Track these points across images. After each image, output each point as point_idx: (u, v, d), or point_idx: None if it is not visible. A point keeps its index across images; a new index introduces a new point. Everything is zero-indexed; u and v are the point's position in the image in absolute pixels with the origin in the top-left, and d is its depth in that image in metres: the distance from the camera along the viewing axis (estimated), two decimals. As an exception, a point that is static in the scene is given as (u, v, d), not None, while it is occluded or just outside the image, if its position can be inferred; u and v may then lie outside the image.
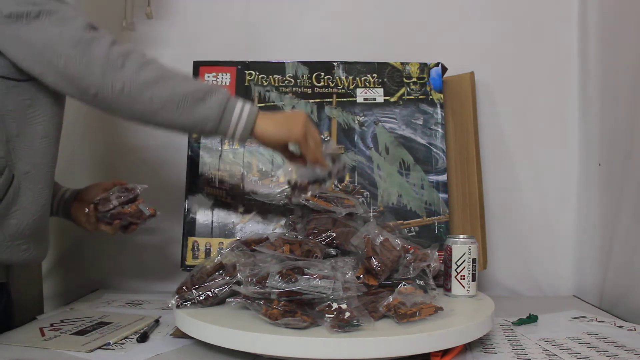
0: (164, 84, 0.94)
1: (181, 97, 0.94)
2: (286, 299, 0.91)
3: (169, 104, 0.94)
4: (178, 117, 0.95)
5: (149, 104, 0.93)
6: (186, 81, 0.97)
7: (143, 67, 0.93)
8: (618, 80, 1.32)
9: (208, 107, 0.96)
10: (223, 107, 0.97)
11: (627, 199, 1.25)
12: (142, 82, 0.92)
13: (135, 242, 1.53)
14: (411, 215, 1.33)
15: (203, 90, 0.96)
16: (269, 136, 1.01)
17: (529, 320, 1.15)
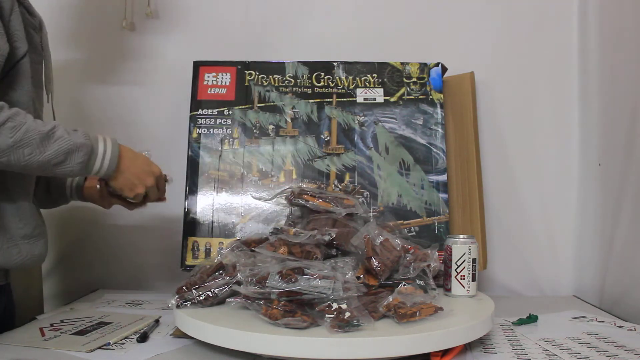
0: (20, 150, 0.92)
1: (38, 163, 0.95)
2: (286, 299, 0.92)
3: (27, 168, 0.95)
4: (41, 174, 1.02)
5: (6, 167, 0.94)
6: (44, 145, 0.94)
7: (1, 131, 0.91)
8: (618, 80, 1.32)
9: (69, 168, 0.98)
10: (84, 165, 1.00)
11: (627, 199, 1.25)
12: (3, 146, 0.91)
13: (135, 242, 1.53)
14: (411, 215, 1.33)
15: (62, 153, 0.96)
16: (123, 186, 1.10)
17: (529, 320, 1.15)
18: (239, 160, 1.37)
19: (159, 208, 1.51)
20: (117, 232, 1.53)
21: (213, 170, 1.36)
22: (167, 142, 1.52)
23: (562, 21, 1.51)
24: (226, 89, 1.40)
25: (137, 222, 1.53)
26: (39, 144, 0.94)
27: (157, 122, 1.54)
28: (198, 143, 1.37)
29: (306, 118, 1.39)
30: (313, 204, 1.11)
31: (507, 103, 1.51)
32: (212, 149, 1.37)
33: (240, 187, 1.35)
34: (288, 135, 1.38)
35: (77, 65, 1.53)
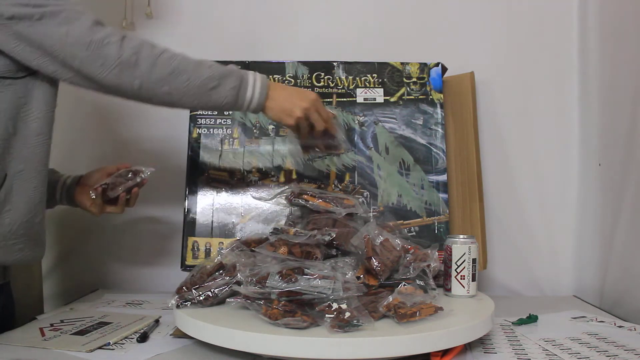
0: (179, 77, 0.99)
1: (196, 88, 1.00)
2: (286, 299, 0.92)
3: (186, 96, 1.00)
4: (197, 104, 1.04)
5: (167, 97, 1.00)
6: (199, 70, 1.01)
7: (156, 62, 0.97)
8: (618, 80, 1.32)
9: (222, 94, 1.03)
10: (236, 92, 1.04)
11: (627, 199, 1.25)
12: (157, 79, 0.98)
13: (135, 242, 1.53)
14: (411, 215, 1.33)
15: (216, 77, 1.02)
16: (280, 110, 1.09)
17: (529, 320, 1.15)
18: (239, 160, 1.37)
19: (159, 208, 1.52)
20: (117, 232, 1.53)
21: (213, 170, 1.36)
22: (167, 142, 1.52)
23: (562, 21, 1.51)
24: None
25: (137, 222, 1.53)
26: (194, 69, 1.00)
27: (157, 122, 1.54)
28: (198, 143, 1.37)
29: (306, 118, 1.39)
30: (313, 204, 1.11)
31: (507, 103, 1.51)
32: (212, 149, 1.37)
33: (240, 187, 1.35)
34: (288, 135, 1.38)
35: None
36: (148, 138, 1.53)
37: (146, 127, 1.54)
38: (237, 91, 1.04)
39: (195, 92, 1.01)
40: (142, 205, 1.54)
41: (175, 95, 1.00)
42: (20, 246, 1.02)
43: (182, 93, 1.00)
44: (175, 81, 0.99)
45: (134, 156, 1.53)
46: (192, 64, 1.01)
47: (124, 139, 1.54)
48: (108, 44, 0.95)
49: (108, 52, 0.94)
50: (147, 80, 0.97)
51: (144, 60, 0.97)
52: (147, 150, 1.53)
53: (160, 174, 1.53)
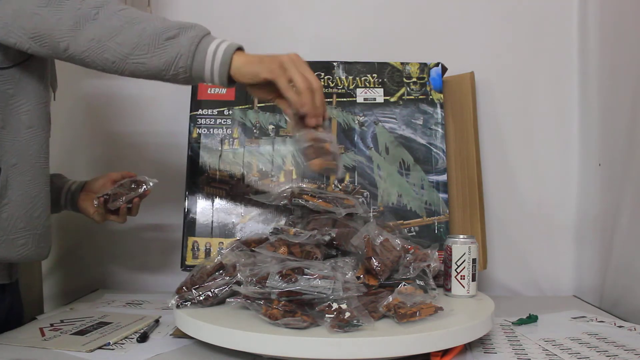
0: (135, 27, 0.89)
1: (151, 37, 0.89)
2: (286, 299, 0.92)
3: (139, 46, 0.89)
4: (149, 58, 0.89)
5: (118, 49, 0.89)
6: (159, 21, 0.91)
7: (115, 14, 0.89)
8: (618, 80, 1.32)
9: (180, 44, 0.89)
10: (196, 43, 0.90)
11: (627, 199, 1.25)
12: (112, 28, 0.88)
13: (135, 242, 1.53)
14: (411, 215, 1.33)
15: (176, 26, 0.90)
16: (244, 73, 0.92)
17: (529, 320, 1.15)
18: (239, 160, 1.37)
19: (159, 208, 1.52)
20: (117, 232, 1.53)
21: (213, 170, 1.36)
22: (167, 142, 1.52)
23: (562, 21, 1.51)
24: (226, 89, 1.40)
25: (137, 222, 1.53)
26: (155, 19, 0.91)
27: (157, 122, 1.54)
28: (198, 143, 1.38)
29: (306, 118, 1.39)
30: (313, 204, 1.11)
31: (507, 103, 1.51)
32: (212, 149, 1.37)
33: (240, 187, 1.35)
34: (288, 135, 1.38)
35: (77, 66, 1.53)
36: (148, 138, 1.53)
37: (146, 126, 1.54)
38: (197, 42, 0.89)
39: (147, 43, 0.88)
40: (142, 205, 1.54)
41: (127, 46, 0.88)
42: (23, 241, 1.02)
43: (134, 44, 0.88)
44: (129, 31, 0.88)
45: (133, 157, 1.54)
46: (156, 17, 0.92)
47: (123, 139, 1.54)
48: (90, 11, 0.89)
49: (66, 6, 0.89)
50: (101, 32, 0.88)
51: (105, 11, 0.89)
52: (147, 150, 1.53)
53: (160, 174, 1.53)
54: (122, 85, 1.54)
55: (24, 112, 1.00)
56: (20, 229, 1.01)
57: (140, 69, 0.91)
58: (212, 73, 0.91)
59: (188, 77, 0.92)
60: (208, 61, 0.90)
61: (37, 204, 1.03)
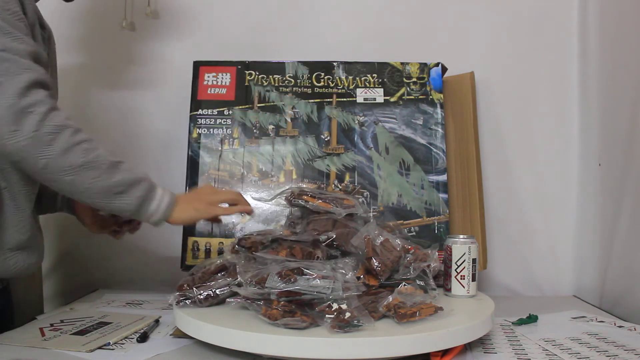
0: (88, 172, 0.92)
1: (102, 188, 0.94)
2: (286, 299, 0.91)
3: (88, 191, 0.94)
4: (97, 203, 0.97)
5: (68, 186, 0.93)
6: (111, 171, 0.95)
7: (71, 150, 0.90)
8: (618, 80, 1.32)
9: (127, 201, 0.97)
10: (141, 202, 0.99)
11: (627, 199, 1.25)
12: (65, 166, 0.90)
13: (135, 242, 1.53)
14: (411, 215, 1.33)
15: (126, 183, 0.97)
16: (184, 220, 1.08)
17: (529, 320, 1.15)
18: (239, 160, 1.37)
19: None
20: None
21: (213, 170, 1.36)
22: (167, 142, 1.52)
23: (562, 21, 1.51)
24: (226, 89, 1.40)
25: (137, 222, 1.53)
26: (106, 170, 0.94)
27: (157, 122, 1.54)
28: (198, 143, 1.37)
29: (306, 118, 1.39)
30: (313, 205, 1.11)
31: (507, 103, 1.51)
32: (212, 149, 1.37)
33: (240, 187, 1.35)
34: (288, 135, 1.38)
35: (77, 66, 1.53)
36: (148, 138, 1.53)
37: (146, 126, 1.54)
38: (141, 200, 0.98)
39: (98, 192, 0.94)
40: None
41: (78, 187, 0.93)
42: (14, 260, 1.05)
43: (86, 188, 0.93)
44: (83, 174, 0.92)
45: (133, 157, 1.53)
46: (107, 163, 0.95)
47: (124, 139, 1.54)
48: (31, 113, 0.87)
49: (26, 122, 0.87)
50: (54, 164, 0.90)
51: (59, 143, 0.89)
52: (147, 150, 1.53)
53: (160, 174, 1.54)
54: (122, 86, 1.54)
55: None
56: (10, 249, 1.03)
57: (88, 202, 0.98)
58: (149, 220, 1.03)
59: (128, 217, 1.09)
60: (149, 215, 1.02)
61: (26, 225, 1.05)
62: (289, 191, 1.16)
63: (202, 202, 1.08)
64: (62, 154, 0.90)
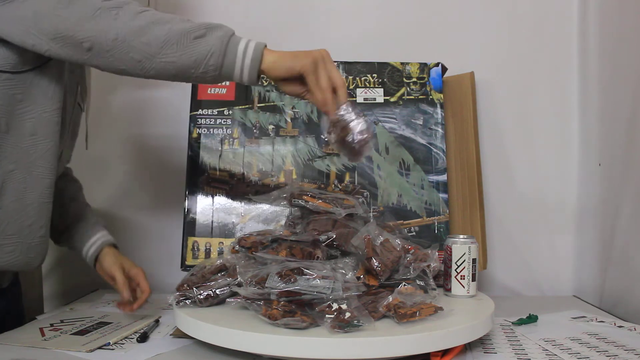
0: (161, 26, 0.88)
1: (179, 36, 0.88)
2: (286, 299, 0.91)
3: (167, 45, 0.88)
4: (178, 57, 0.89)
5: (145, 48, 0.88)
6: (184, 21, 0.91)
7: (138, 15, 0.89)
8: (618, 80, 1.32)
9: (210, 42, 0.89)
10: (226, 41, 0.90)
11: (627, 199, 1.25)
12: (137, 27, 0.88)
13: (135, 242, 1.53)
14: (411, 215, 1.33)
15: (203, 26, 0.90)
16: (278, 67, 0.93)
17: (529, 320, 1.15)
18: (239, 160, 1.37)
19: (159, 208, 1.52)
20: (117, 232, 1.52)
21: (213, 170, 1.36)
22: (167, 142, 1.52)
23: (562, 21, 1.51)
24: (226, 89, 1.40)
25: (137, 222, 1.53)
26: (179, 20, 0.90)
27: (157, 122, 1.54)
28: (198, 143, 1.37)
29: (306, 118, 1.39)
30: (313, 205, 1.11)
31: (507, 103, 1.51)
32: (212, 149, 1.37)
33: (240, 187, 1.34)
34: (288, 135, 1.38)
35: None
36: (148, 138, 1.53)
37: (146, 126, 1.54)
38: (226, 40, 0.90)
39: (176, 41, 0.88)
40: (142, 205, 1.54)
41: (154, 46, 0.88)
42: (11, 248, 1.00)
43: (162, 43, 0.88)
44: (156, 30, 0.88)
45: (133, 157, 1.54)
46: (178, 17, 0.91)
47: (123, 139, 1.54)
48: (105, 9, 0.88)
49: (85, 6, 0.88)
50: (125, 31, 0.87)
51: (124, 13, 0.88)
52: (147, 150, 1.53)
53: (160, 174, 1.54)
54: (122, 86, 1.54)
55: (29, 119, 0.98)
56: (9, 235, 1.00)
57: (168, 68, 0.90)
58: (242, 70, 0.92)
59: (216, 75, 0.92)
60: (239, 59, 0.91)
61: (29, 212, 1.01)
62: (289, 191, 1.16)
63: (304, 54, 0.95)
64: (130, 19, 0.88)
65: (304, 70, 0.93)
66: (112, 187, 1.50)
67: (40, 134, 1.00)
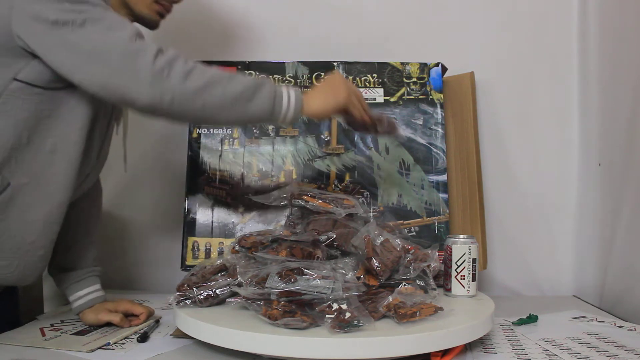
0: (213, 90, 0.94)
1: (231, 101, 0.96)
2: (286, 299, 0.91)
3: (221, 109, 0.96)
4: (232, 118, 1.00)
5: (201, 111, 0.95)
6: (232, 82, 0.97)
7: (188, 76, 0.93)
8: (618, 80, 1.32)
9: (259, 105, 0.98)
10: (272, 101, 0.99)
11: (627, 199, 1.25)
12: (190, 92, 0.93)
13: (135, 242, 1.53)
14: (411, 215, 1.33)
15: (250, 88, 0.98)
16: (319, 113, 1.06)
17: (529, 320, 1.15)
18: (239, 160, 1.37)
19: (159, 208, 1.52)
20: (117, 232, 1.53)
21: (213, 170, 1.36)
22: (167, 142, 1.52)
23: (562, 21, 1.51)
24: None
25: (137, 222, 1.53)
26: (227, 82, 0.96)
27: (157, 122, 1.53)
28: (198, 143, 1.38)
29: (306, 118, 1.39)
30: (313, 205, 1.11)
31: (507, 103, 1.51)
32: (212, 149, 1.37)
33: (240, 187, 1.35)
34: (288, 135, 1.38)
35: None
36: (148, 138, 1.53)
37: (146, 126, 1.54)
38: (273, 99, 0.99)
39: (231, 105, 0.96)
40: (142, 205, 1.54)
41: (210, 109, 0.95)
42: (6, 262, 0.98)
43: (218, 106, 0.96)
44: (210, 94, 0.94)
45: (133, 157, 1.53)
46: (225, 76, 0.97)
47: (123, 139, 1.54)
48: (143, 56, 0.91)
49: (140, 63, 0.91)
50: (180, 95, 0.92)
51: (176, 73, 0.92)
52: (147, 150, 1.53)
53: (160, 173, 1.54)
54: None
55: (52, 136, 0.97)
56: (7, 249, 0.98)
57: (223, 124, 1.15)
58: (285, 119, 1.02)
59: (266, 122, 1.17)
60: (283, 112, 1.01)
61: (33, 230, 0.99)
62: (289, 191, 1.16)
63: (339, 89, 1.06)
64: (182, 83, 0.92)
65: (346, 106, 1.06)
66: (112, 187, 1.49)
67: (60, 152, 0.99)
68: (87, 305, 1.14)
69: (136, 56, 0.91)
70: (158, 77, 0.91)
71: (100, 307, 1.14)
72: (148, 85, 0.91)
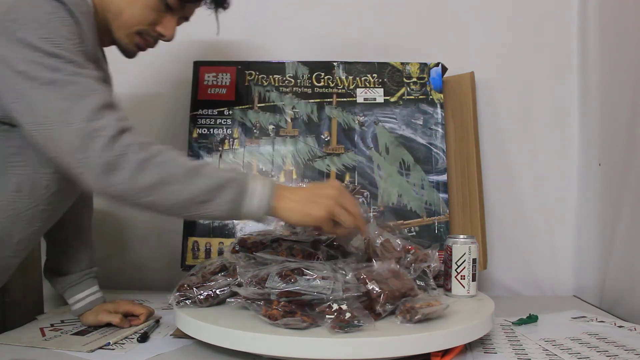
0: (167, 188, 0.86)
1: (185, 202, 0.87)
2: (286, 299, 0.91)
3: (172, 208, 0.88)
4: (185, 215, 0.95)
5: (149, 207, 0.88)
6: (192, 180, 0.87)
7: (142, 169, 0.85)
8: (618, 80, 1.32)
9: (216, 207, 0.89)
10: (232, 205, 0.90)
11: (627, 199, 1.25)
12: (138, 188, 0.85)
13: (135, 242, 1.53)
14: (411, 215, 1.33)
15: (212, 189, 0.88)
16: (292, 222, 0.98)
17: (529, 320, 1.15)
18: (239, 160, 1.37)
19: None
20: (117, 232, 1.53)
21: None
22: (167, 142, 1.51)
23: (562, 21, 1.51)
24: (226, 89, 1.40)
25: (137, 222, 1.53)
26: (184, 180, 0.87)
27: (157, 122, 1.54)
28: (198, 143, 1.37)
29: (306, 118, 1.39)
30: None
31: (507, 103, 1.51)
32: (212, 149, 1.37)
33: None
34: (288, 135, 1.38)
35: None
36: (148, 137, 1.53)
37: (146, 126, 1.54)
38: (234, 202, 0.89)
39: (183, 206, 0.87)
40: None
41: (160, 207, 0.87)
42: None
43: (169, 205, 0.87)
44: (162, 192, 0.86)
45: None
46: (184, 173, 0.87)
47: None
48: (98, 137, 0.83)
49: (92, 150, 0.83)
50: (127, 189, 0.85)
51: (129, 165, 0.84)
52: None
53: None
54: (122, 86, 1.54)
55: (17, 174, 0.92)
56: None
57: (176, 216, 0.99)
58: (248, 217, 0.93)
59: None
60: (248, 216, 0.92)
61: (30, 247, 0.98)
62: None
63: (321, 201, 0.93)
64: (133, 176, 0.84)
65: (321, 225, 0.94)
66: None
67: (26, 192, 0.93)
68: (86, 308, 1.13)
69: (90, 140, 0.83)
70: (106, 170, 0.83)
71: (99, 308, 1.13)
72: (95, 176, 0.84)
